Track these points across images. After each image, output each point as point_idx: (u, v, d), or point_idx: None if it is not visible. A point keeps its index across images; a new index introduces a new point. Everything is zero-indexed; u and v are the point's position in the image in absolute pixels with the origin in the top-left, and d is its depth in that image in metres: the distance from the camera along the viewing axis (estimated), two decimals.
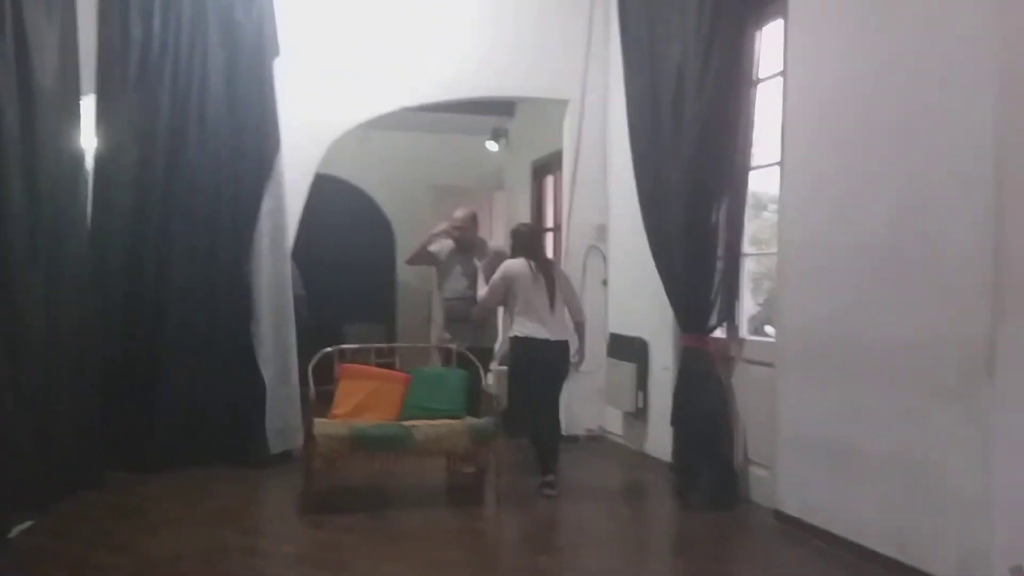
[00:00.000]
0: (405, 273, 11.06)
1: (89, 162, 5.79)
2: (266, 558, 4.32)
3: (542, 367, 5.61)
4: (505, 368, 6.65)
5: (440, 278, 6.38)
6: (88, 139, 5.74)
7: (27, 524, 4.59)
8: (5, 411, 4.20)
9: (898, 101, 4.16)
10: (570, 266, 7.27)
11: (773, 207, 5.58)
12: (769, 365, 5.15)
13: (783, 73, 5.05)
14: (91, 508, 5.09)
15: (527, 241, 5.88)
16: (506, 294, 5.71)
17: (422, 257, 6.48)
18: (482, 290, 5.96)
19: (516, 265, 5.71)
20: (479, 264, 6.18)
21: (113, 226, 5.90)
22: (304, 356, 6.07)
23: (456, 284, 6.25)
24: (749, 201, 5.45)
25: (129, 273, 5.98)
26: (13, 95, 4.42)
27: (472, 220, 6.32)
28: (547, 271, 5.69)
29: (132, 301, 5.99)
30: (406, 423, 5.28)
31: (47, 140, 4.87)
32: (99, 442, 5.59)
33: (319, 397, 5.42)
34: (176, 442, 5.91)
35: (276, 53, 6.29)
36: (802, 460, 4.77)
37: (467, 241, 6.27)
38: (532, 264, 5.67)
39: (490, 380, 6.39)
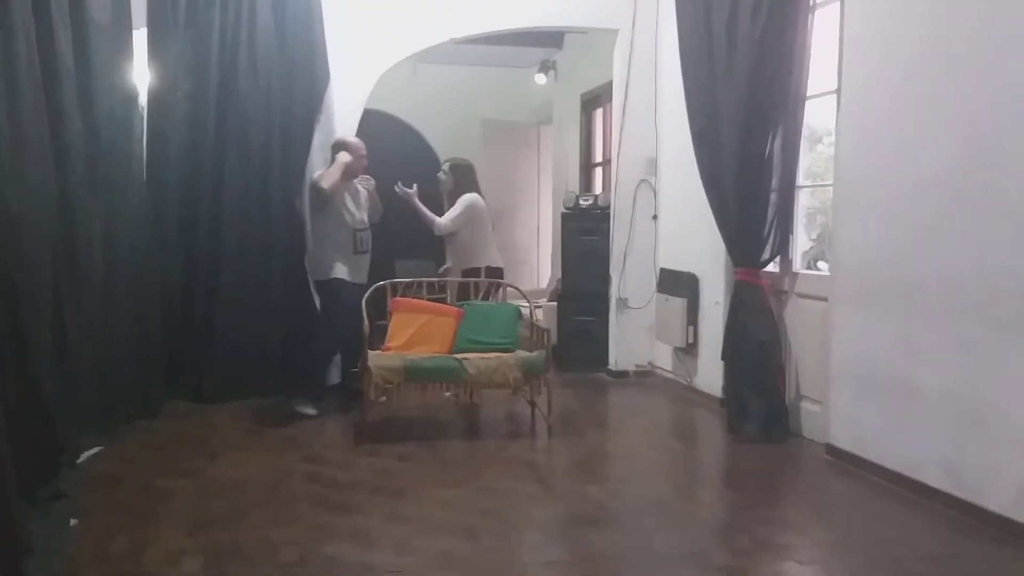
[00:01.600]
0: None
1: (143, 97, 5.85)
2: (325, 484, 4.44)
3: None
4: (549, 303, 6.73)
5: (338, 208, 5.83)
6: (141, 74, 5.79)
7: (95, 450, 4.77)
8: (69, 338, 4.32)
9: (965, 28, 4.02)
10: (620, 200, 7.24)
11: (828, 139, 5.46)
12: (823, 299, 5.10)
13: None
14: (155, 436, 5.27)
15: (474, 176, 6.46)
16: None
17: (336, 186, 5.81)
18: (448, 216, 6.27)
19: (479, 200, 6.36)
20: (364, 191, 6.05)
21: (168, 160, 5.98)
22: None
23: (361, 214, 5.99)
24: (804, 133, 5.34)
25: (184, 207, 6.08)
26: (67, 28, 4.45)
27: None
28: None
29: (188, 235, 6.10)
30: (458, 356, 5.35)
31: (101, 74, 4.91)
32: (160, 371, 5.77)
33: (373, 330, 5.51)
34: (235, 374, 6.06)
35: None
36: (855, 394, 4.74)
37: (360, 169, 6.05)
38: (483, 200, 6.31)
39: (540, 315, 6.43)
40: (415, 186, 6.30)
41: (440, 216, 6.38)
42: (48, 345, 4.05)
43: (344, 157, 5.83)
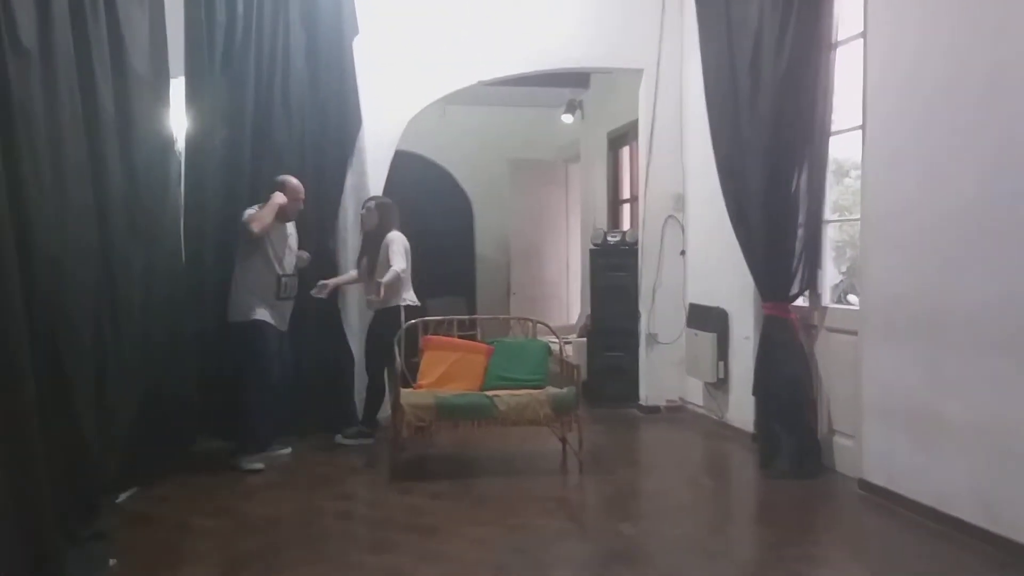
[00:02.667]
0: (484, 247, 11.21)
1: (180, 143, 6.00)
2: (359, 521, 4.50)
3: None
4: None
5: (265, 251, 5.64)
6: (179, 121, 5.95)
7: (133, 490, 4.86)
8: (109, 381, 4.42)
9: (985, 60, 4.05)
10: (648, 236, 7.28)
11: (855, 173, 5.48)
12: (852, 333, 5.09)
13: (863, 34, 4.94)
14: (191, 475, 5.34)
15: (397, 215, 6.24)
16: None
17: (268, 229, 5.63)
18: (398, 260, 6.01)
19: (404, 238, 6.19)
20: (294, 234, 5.91)
21: (205, 204, 6.09)
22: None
23: (291, 259, 5.82)
24: (830, 167, 5.36)
25: (220, 250, 6.17)
26: (108, 78, 4.60)
27: None
28: None
29: (224, 277, 6.18)
30: (489, 393, 5.40)
31: (140, 121, 5.06)
32: (195, 412, 5.84)
33: (404, 368, 5.58)
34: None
35: (355, 32, 6.43)
36: (887, 429, 4.72)
37: (295, 213, 5.86)
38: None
39: (569, 351, 6.46)
40: (322, 283, 6.09)
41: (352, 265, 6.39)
42: (89, 388, 4.14)
43: (278, 199, 5.64)
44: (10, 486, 3.03)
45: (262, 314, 5.60)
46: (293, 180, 5.82)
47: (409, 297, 6.15)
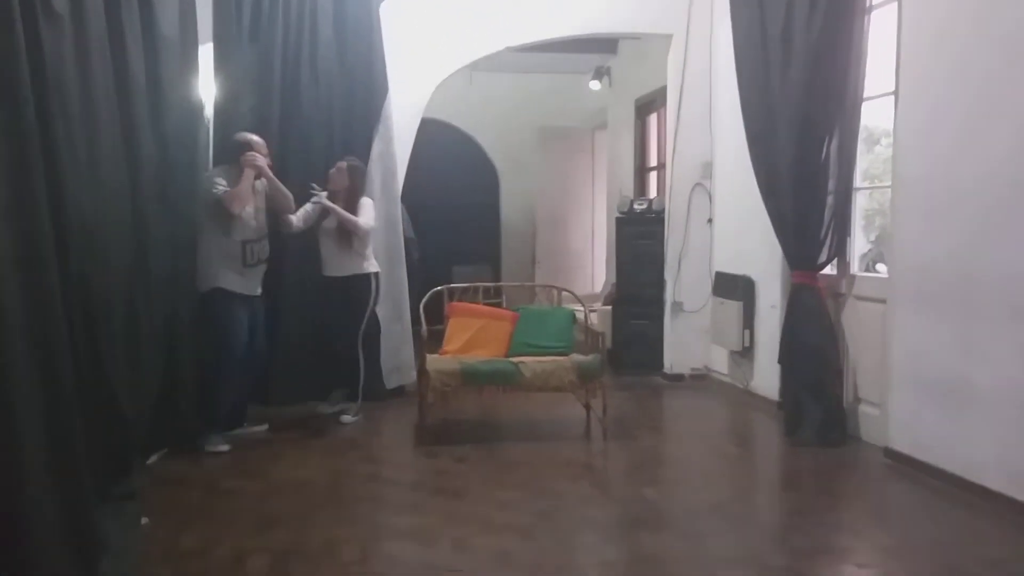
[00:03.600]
0: (509, 215, 11.21)
1: (209, 109, 6.02)
2: (386, 484, 4.56)
3: None
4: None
5: (227, 220, 5.23)
6: (207, 87, 5.97)
7: (163, 451, 4.94)
8: (142, 342, 4.48)
9: (1018, 24, 3.97)
10: (675, 204, 7.25)
11: (886, 141, 5.42)
12: (881, 302, 5.06)
13: None
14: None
15: (365, 180, 6.01)
16: None
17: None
18: (369, 216, 5.75)
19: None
20: (261, 190, 5.49)
21: None
22: (415, 296, 6.30)
23: (256, 222, 5.40)
24: (861, 135, 5.30)
25: None
26: (139, 45, 4.62)
27: None
28: None
29: None
30: (514, 359, 5.42)
31: (169, 88, 5.08)
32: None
33: (430, 335, 5.62)
34: (297, 378, 6.19)
35: None
36: (915, 397, 4.70)
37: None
38: None
39: (594, 319, 6.47)
40: (324, 193, 5.75)
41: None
42: (123, 349, 4.21)
43: (254, 163, 5.33)
44: (47, 446, 3.10)
45: (226, 281, 5.21)
46: (256, 138, 5.47)
47: (375, 265, 5.92)
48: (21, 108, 3.07)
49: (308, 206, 5.72)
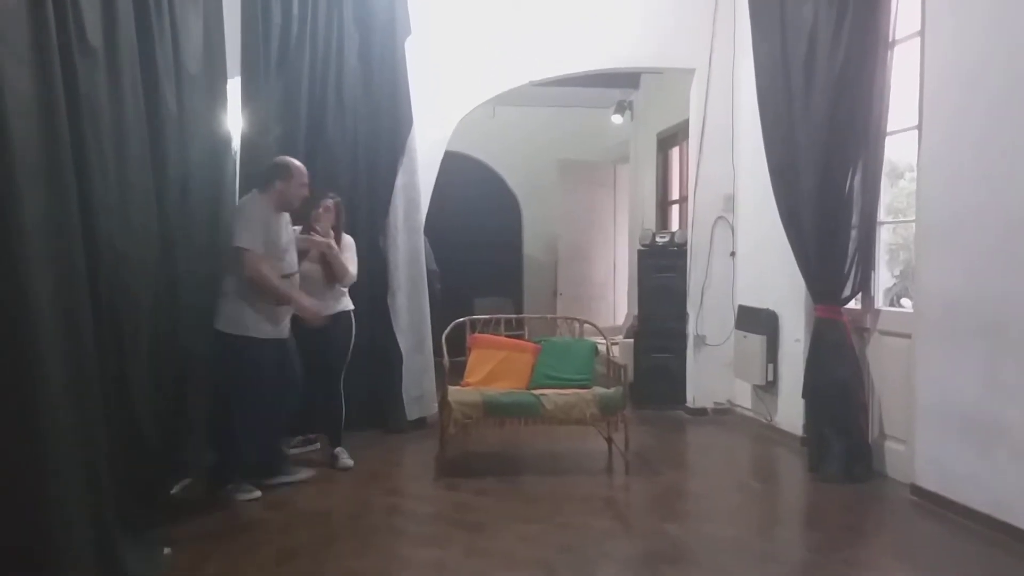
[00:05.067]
0: (531, 247, 11.25)
1: (236, 143, 6.11)
2: (407, 516, 4.54)
3: None
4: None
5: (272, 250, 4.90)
6: (235, 120, 6.06)
7: (186, 481, 4.96)
8: (165, 373, 4.52)
9: None
10: (697, 237, 7.25)
11: (910, 175, 5.40)
12: (906, 336, 5.02)
13: (921, 32, 4.87)
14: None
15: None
16: None
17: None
18: (352, 264, 5.49)
19: None
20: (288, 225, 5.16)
21: None
22: (437, 328, 6.32)
23: (292, 256, 5.10)
24: (885, 169, 5.29)
25: None
26: (170, 77, 4.71)
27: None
28: None
29: None
30: (536, 391, 5.42)
31: (197, 122, 5.16)
32: None
33: (452, 366, 5.62)
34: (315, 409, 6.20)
35: (408, 32, 6.49)
36: (941, 433, 4.64)
37: (298, 201, 5.17)
38: None
39: (616, 351, 6.46)
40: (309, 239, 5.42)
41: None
42: (149, 380, 4.25)
43: (321, 246, 5.27)
44: (74, 475, 3.13)
45: (258, 330, 4.77)
46: (297, 163, 5.12)
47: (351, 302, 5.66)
48: (57, 137, 3.14)
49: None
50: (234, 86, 6.00)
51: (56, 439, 3.01)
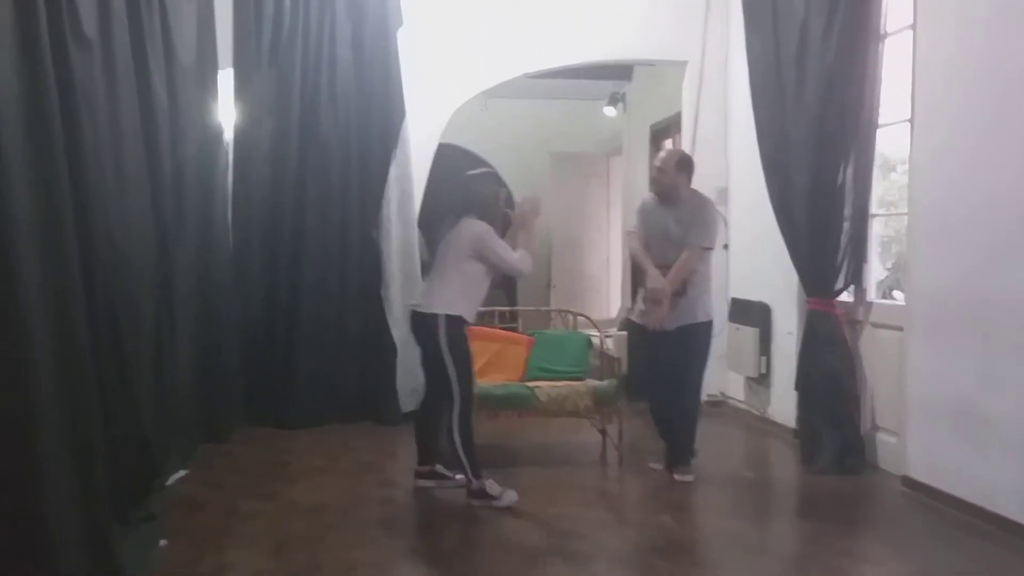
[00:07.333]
0: None
1: (229, 134, 6.10)
2: (400, 508, 4.55)
3: None
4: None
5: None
6: (227, 112, 6.05)
7: (181, 473, 4.96)
8: (164, 368, 4.53)
9: None
10: None
11: (902, 168, 5.42)
12: (898, 329, 5.04)
13: (913, 26, 4.89)
14: (237, 460, 5.43)
15: None
16: None
17: None
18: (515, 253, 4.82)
19: None
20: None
21: (251, 195, 6.22)
22: None
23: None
24: (877, 161, 5.30)
25: (267, 242, 6.30)
26: (161, 69, 4.70)
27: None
28: None
29: (270, 267, 6.31)
30: (530, 384, 5.43)
31: (189, 114, 5.16)
32: (236, 399, 5.95)
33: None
34: (313, 401, 6.23)
35: (400, 23, 6.47)
36: (933, 425, 4.67)
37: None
38: None
39: (610, 344, 6.47)
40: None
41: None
42: (148, 376, 4.25)
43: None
44: (70, 467, 3.12)
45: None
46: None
47: None
48: (49, 129, 3.12)
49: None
50: (226, 78, 5.98)
51: (48, 432, 3.01)
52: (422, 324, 4.64)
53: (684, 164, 5.13)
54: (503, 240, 4.74)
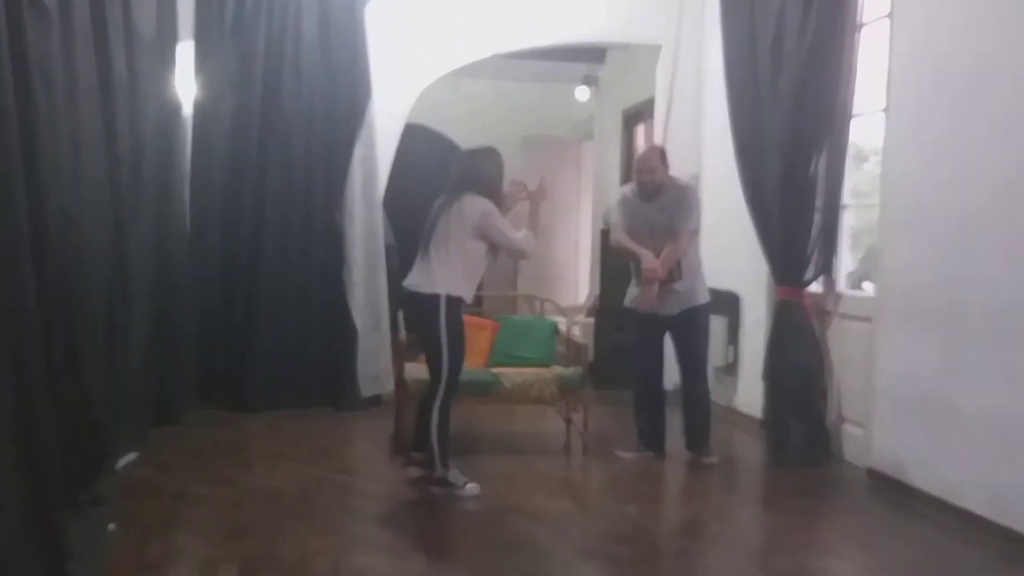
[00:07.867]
0: None
1: (188, 109, 5.92)
2: (358, 495, 4.45)
3: None
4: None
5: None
6: (187, 85, 5.87)
7: (132, 456, 4.82)
8: (116, 346, 4.38)
9: (1017, 45, 3.94)
10: None
11: (875, 159, 5.38)
12: (867, 320, 5.02)
13: (890, 15, 4.83)
14: (191, 443, 5.30)
15: None
16: None
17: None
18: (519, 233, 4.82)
19: None
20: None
21: (211, 170, 6.06)
22: (394, 303, 6.19)
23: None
24: (850, 152, 5.26)
25: (225, 220, 6.15)
26: (120, 40, 4.53)
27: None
28: None
29: (229, 247, 6.16)
30: (494, 370, 5.33)
31: (147, 87, 4.99)
32: (189, 379, 5.81)
33: (409, 343, 5.51)
34: (271, 384, 6.10)
35: None
36: (899, 418, 4.65)
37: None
38: None
39: (577, 331, 6.40)
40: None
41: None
42: (100, 355, 4.10)
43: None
44: (16, 449, 2.99)
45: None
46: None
47: None
48: (0, 97, 2.96)
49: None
50: (185, 50, 5.80)
51: None
52: (421, 305, 4.46)
53: (664, 156, 5.22)
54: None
